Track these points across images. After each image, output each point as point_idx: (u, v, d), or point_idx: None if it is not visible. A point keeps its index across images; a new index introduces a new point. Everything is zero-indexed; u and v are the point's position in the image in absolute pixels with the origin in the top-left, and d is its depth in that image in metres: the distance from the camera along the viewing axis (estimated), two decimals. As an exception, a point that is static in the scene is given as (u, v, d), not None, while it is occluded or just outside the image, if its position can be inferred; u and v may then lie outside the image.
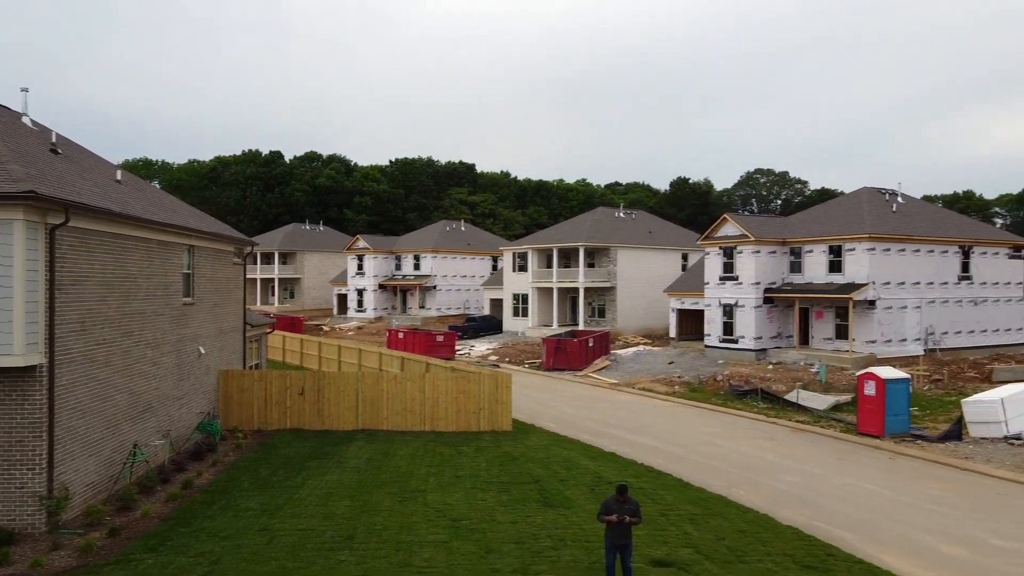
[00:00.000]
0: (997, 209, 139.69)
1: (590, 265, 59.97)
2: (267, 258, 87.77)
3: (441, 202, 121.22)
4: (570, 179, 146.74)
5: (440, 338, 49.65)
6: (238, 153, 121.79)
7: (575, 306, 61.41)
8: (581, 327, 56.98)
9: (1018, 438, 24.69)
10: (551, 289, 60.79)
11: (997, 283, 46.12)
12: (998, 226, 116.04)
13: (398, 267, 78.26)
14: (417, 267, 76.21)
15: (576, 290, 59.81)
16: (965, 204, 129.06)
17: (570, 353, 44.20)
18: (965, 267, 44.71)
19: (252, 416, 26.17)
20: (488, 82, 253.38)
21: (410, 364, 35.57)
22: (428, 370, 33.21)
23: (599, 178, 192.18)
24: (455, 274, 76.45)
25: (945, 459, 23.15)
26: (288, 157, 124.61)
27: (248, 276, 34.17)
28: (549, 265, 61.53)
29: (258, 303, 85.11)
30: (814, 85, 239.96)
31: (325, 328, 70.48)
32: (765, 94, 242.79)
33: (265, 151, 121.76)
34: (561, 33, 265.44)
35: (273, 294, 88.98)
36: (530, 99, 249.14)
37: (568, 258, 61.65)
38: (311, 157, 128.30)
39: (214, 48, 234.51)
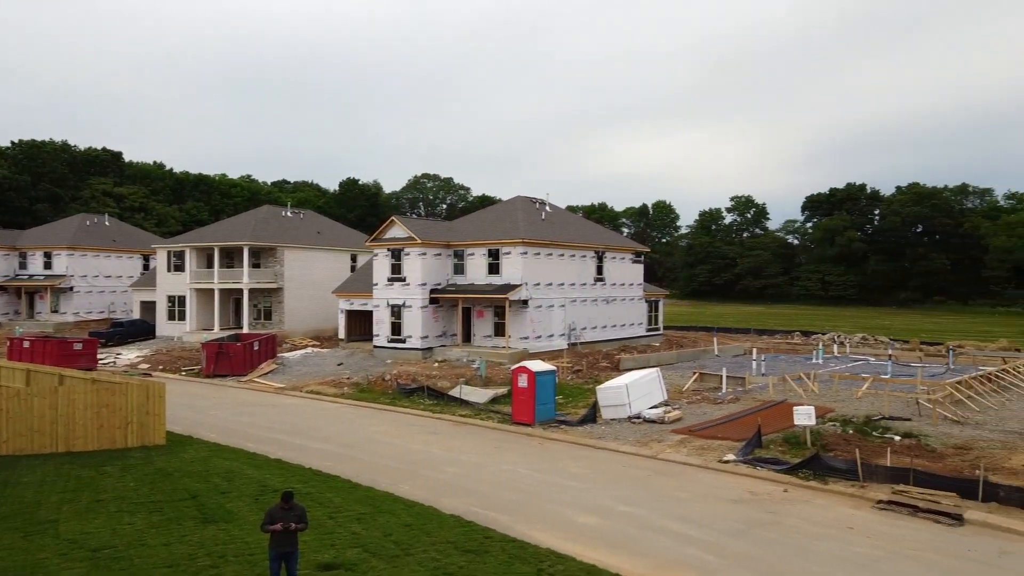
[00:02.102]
0: (624, 220, 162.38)
1: (255, 265, 57.39)
2: None
3: (80, 193, 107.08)
4: (233, 175, 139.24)
5: (78, 346, 44.04)
6: None
7: (239, 308, 58.30)
8: (246, 330, 54.23)
9: (638, 417, 28.77)
10: (212, 290, 57.01)
11: (624, 284, 53.32)
12: (624, 235, 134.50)
13: (23, 266, 67.58)
14: (48, 266, 66.53)
15: (240, 291, 56.83)
16: (600, 214, 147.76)
17: (233, 358, 41.92)
18: (600, 270, 50.98)
19: None
20: (142, 65, 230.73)
21: (39, 377, 30.94)
22: (62, 383, 29.12)
23: (265, 175, 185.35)
24: (98, 274, 68.17)
25: (584, 440, 26.16)
26: None
27: None
28: (210, 265, 57.64)
29: None
30: (478, 98, 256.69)
31: (-79, 338, 58.26)
32: (435, 102, 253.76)
33: None
34: (226, 22, 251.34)
35: None
36: (190, 88, 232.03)
37: (231, 258, 58.32)
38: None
39: None
